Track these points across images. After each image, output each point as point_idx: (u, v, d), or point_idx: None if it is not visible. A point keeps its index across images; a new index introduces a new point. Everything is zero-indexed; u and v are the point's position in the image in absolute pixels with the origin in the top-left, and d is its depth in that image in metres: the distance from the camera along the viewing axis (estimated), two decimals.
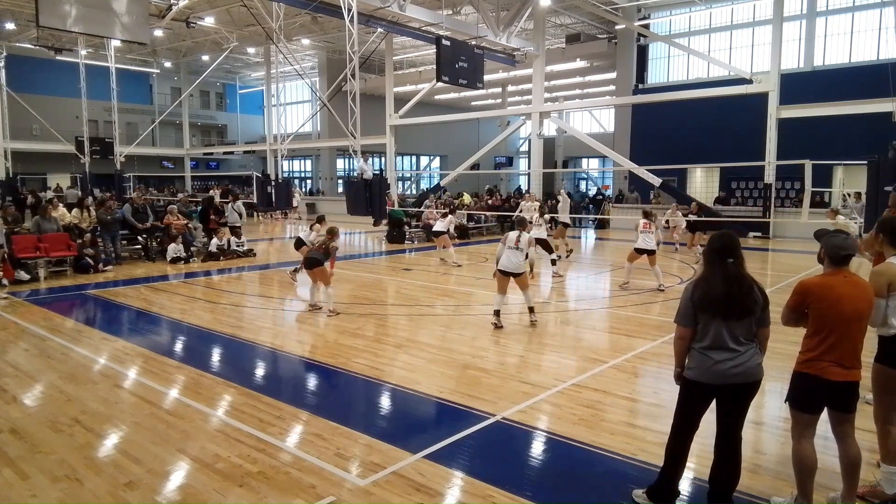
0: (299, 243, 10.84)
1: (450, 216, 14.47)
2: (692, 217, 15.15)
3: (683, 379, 3.36)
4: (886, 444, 3.53)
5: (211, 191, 26.02)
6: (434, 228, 14.61)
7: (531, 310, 7.88)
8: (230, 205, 15.58)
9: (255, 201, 23.61)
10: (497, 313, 7.72)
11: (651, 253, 10.09)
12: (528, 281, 8.02)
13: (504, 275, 7.77)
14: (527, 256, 8.83)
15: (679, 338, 3.35)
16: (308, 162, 41.89)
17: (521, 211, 14.70)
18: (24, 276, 11.01)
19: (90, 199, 15.92)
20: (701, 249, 13.29)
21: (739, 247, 3.25)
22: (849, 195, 17.22)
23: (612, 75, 29.22)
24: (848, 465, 3.35)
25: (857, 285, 3.25)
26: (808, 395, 3.29)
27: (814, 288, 3.25)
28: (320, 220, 10.44)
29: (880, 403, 3.56)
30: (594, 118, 36.95)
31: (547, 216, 13.11)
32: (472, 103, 39.82)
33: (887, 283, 3.43)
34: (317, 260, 8.53)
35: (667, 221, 14.47)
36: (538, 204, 14.61)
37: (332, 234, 8.79)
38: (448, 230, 13.94)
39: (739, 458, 3.34)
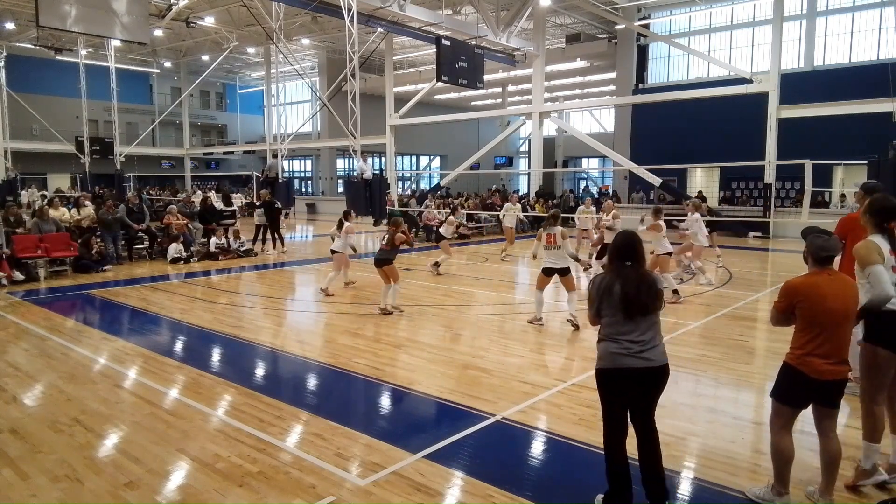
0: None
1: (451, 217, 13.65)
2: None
3: (596, 372, 3.43)
4: (869, 422, 3.56)
5: (202, 193, 26.20)
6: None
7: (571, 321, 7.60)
8: (257, 206, 16.34)
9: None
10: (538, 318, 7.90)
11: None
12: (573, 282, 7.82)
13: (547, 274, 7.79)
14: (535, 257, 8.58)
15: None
16: (308, 162, 41.88)
17: (505, 213, 15.63)
18: (18, 276, 10.96)
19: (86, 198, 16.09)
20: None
21: (639, 247, 3.37)
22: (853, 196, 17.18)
23: (612, 75, 29.22)
24: (828, 461, 3.40)
25: (842, 283, 3.32)
26: (793, 391, 3.36)
27: (800, 287, 3.32)
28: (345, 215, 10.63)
29: (865, 380, 3.58)
30: (594, 118, 36.95)
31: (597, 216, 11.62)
32: (472, 103, 39.80)
33: (877, 252, 3.48)
34: (385, 259, 8.43)
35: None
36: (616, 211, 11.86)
37: (396, 225, 8.50)
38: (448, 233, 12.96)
39: (656, 437, 3.40)
